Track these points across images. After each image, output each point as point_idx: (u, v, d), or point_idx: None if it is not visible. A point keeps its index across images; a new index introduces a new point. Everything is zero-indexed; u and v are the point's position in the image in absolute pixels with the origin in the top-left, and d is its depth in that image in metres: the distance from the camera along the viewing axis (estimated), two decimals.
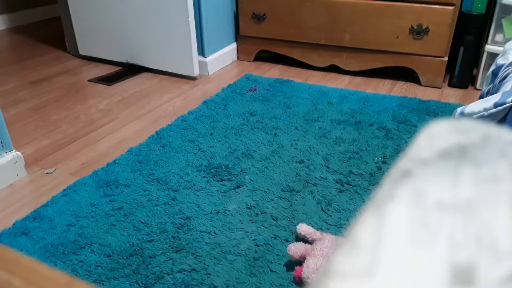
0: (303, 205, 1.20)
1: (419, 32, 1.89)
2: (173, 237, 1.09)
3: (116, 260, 1.02)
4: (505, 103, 0.81)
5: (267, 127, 1.62)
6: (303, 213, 1.17)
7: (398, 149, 1.48)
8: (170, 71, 2.14)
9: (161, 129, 1.61)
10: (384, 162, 1.40)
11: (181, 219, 1.15)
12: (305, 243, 1.01)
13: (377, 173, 1.34)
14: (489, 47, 1.85)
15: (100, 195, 1.25)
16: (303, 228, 1.05)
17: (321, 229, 1.10)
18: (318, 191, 1.26)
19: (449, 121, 0.19)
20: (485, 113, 0.84)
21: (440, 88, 1.98)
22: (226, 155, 1.44)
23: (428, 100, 1.82)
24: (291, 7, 2.09)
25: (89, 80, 2.12)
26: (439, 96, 1.90)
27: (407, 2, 1.88)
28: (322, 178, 1.31)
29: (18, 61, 2.41)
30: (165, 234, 1.10)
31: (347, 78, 2.11)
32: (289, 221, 1.14)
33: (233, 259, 1.03)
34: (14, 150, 1.35)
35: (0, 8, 3.05)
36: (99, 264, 1.01)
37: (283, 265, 1.01)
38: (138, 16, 2.08)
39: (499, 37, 1.86)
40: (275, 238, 1.08)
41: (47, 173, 1.38)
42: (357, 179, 1.31)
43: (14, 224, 1.14)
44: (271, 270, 0.99)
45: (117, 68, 2.26)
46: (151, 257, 1.03)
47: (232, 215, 1.17)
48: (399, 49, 1.96)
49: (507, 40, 1.61)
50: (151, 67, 2.19)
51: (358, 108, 1.76)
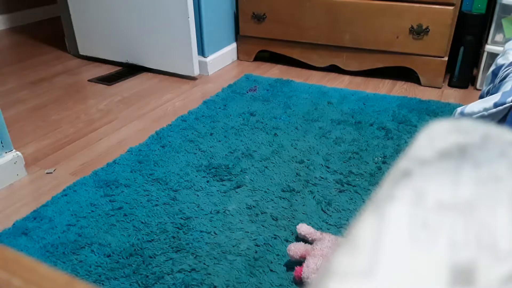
0: (303, 205, 1.20)
1: (419, 32, 1.89)
2: (173, 237, 1.09)
3: (116, 260, 1.02)
4: (505, 103, 0.81)
5: (267, 127, 1.62)
6: (303, 213, 1.17)
7: (398, 149, 1.48)
8: (170, 71, 2.14)
9: (161, 129, 1.61)
10: (384, 162, 1.40)
11: (181, 219, 1.15)
12: (305, 243, 1.01)
13: (377, 173, 1.34)
14: (489, 47, 1.85)
15: (100, 195, 1.25)
16: (303, 228, 1.05)
17: (321, 229, 1.10)
18: (318, 191, 1.26)
19: (449, 121, 0.19)
20: (485, 113, 0.84)
21: (440, 88, 1.98)
22: (226, 155, 1.44)
23: (428, 100, 1.82)
24: (291, 7, 2.09)
25: (89, 80, 2.12)
26: (439, 96, 1.90)
27: (407, 2, 1.88)
28: (322, 178, 1.31)
29: (18, 61, 2.41)
30: (165, 234, 1.10)
31: (347, 78, 2.11)
32: (289, 221, 1.14)
33: (233, 259, 1.03)
34: (14, 150, 1.35)
35: (0, 8, 3.05)
36: (99, 264, 1.01)
37: (283, 265, 1.01)
38: (138, 16, 2.08)
39: (499, 37, 1.86)
40: (275, 238, 1.08)
41: (47, 173, 1.38)
42: (357, 179, 1.31)
43: (14, 224, 1.14)
44: (271, 270, 0.99)
45: (117, 68, 2.26)
46: (151, 257, 1.03)
47: (232, 215, 1.17)
48: (399, 49, 1.96)
49: (507, 40, 1.61)
50: (151, 67, 2.19)
51: (358, 108, 1.76)
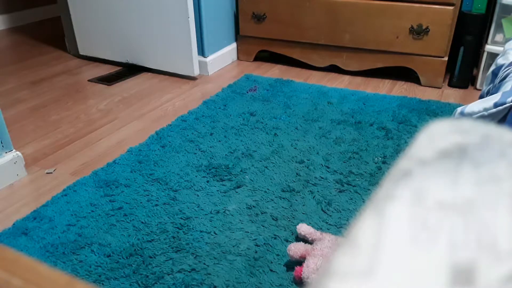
0: (303, 205, 1.20)
1: (419, 32, 1.89)
2: (173, 237, 1.09)
3: (116, 260, 1.02)
4: (505, 103, 0.81)
5: (267, 127, 1.62)
6: (303, 213, 1.17)
7: (398, 149, 1.48)
8: (170, 71, 2.14)
9: (161, 129, 1.61)
10: (384, 162, 1.40)
11: (181, 219, 1.15)
12: (305, 243, 1.01)
13: (377, 173, 1.34)
14: (489, 47, 1.85)
15: (100, 195, 1.25)
16: (303, 228, 1.05)
17: (321, 229, 1.10)
18: (318, 191, 1.26)
19: (449, 121, 0.19)
20: (485, 113, 0.84)
21: (440, 88, 1.98)
22: (226, 155, 1.45)
23: (428, 100, 1.82)
24: (291, 7, 2.09)
25: (89, 80, 2.12)
26: (439, 96, 1.90)
27: (407, 2, 1.88)
28: (322, 178, 1.31)
29: (18, 61, 2.41)
30: (165, 234, 1.10)
31: (347, 78, 2.11)
32: (289, 221, 1.14)
33: (233, 259, 1.03)
34: (14, 150, 1.35)
35: (0, 8, 3.05)
36: (99, 264, 1.01)
37: (283, 265, 1.01)
38: (138, 16, 2.08)
39: (499, 37, 1.86)
40: (275, 238, 1.08)
41: (47, 173, 1.38)
42: (357, 179, 1.31)
43: (14, 224, 1.14)
44: (271, 270, 0.99)
45: (117, 68, 2.26)
46: (151, 257, 1.03)
47: (232, 215, 1.17)
48: (399, 49, 1.96)
49: (507, 40, 1.61)
50: (151, 67, 2.19)
51: (358, 108, 1.76)
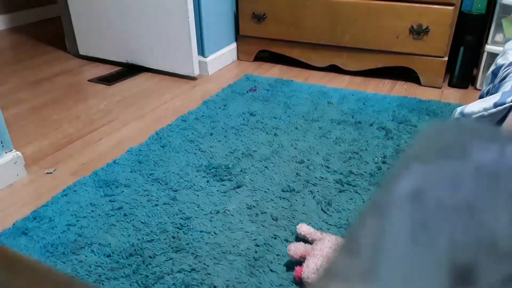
0: (303, 205, 1.20)
1: (419, 32, 1.89)
2: (173, 237, 1.09)
3: (116, 260, 1.02)
4: (505, 103, 0.81)
5: (267, 127, 1.62)
6: (303, 213, 1.17)
7: (398, 149, 1.48)
8: (170, 71, 2.14)
9: (161, 129, 1.61)
10: (384, 162, 1.40)
11: (181, 219, 1.15)
12: (305, 243, 1.01)
13: (377, 173, 1.34)
14: (489, 47, 1.85)
15: (100, 195, 1.25)
16: (303, 228, 1.05)
17: (321, 229, 1.10)
18: (318, 191, 1.26)
19: (449, 121, 0.19)
20: (485, 113, 0.84)
21: (440, 88, 1.98)
22: (226, 155, 1.45)
23: (428, 100, 1.82)
24: (291, 7, 2.09)
25: (89, 80, 2.12)
26: (439, 96, 1.90)
27: (407, 2, 1.88)
28: (322, 178, 1.31)
29: (18, 61, 2.41)
30: (165, 234, 1.10)
31: (347, 78, 2.11)
32: (289, 221, 1.14)
33: (233, 259, 1.03)
34: (14, 150, 1.35)
35: (0, 8, 3.05)
36: (99, 264, 1.01)
37: (283, 265, 1.01)
38: (138, 16, 2.08)
39: (499, 37, 1.85)
40: (275, 238, 1.08)
41: (47, 173, 1.38)
42: (357, 179, 1.31)
43: (14, 224, 1.14)
44: (271, 270, 0.99)
45: (117, 68, 2.26)
46: (151, 257, 1.03)
47: (232, 215, 1.17)
48: (399, 49, 1.96)
49: (507, 40, 1.61)
50: (151, 67, 2.19)
51: (358, 108, 1.76)
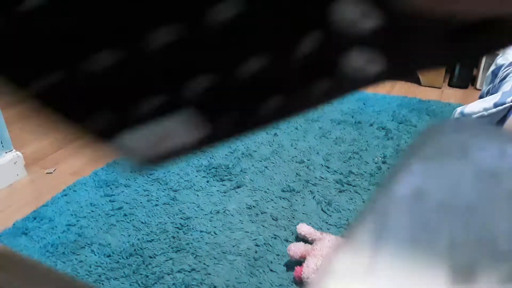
0: (303, 205, 1.20)
1: None
2: (173, 237, 1.09)
3: (116, 260, 1.02)
4: (505, 103, 0.81)
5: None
6: (303, 213, 1.17)
7: (398, 149, 1.48)
8: None
9: None
10: (384, 162, 1.40)
11: (181, 219, 1.15)
12: (305, 243, 1.01)
13: (377, 173, 1.34)
14: None
15: (100, 195, 1.25)
16: (303, 228, 1.05)
17: (321, 229, 1.10)
18: (318, 191, 1.26)
19: (449, 121, 0.19)
20: (485, 113, 0.84)
21: (440, 88, 1.98)
22: (226, 155, 1.45)
23: (428, 100, 1.82)
24: None
25: None
26: (439, 96, 1.90)
27: None
28: (322, 178, 1.31)
29: None
30: (165, 234, 1.10)
31: None
32: (289, 221, 1.14)
33: (233, 259, 1.03)
34: (14, 150, 1.35)
35: None
36: (99, 264, 1.01)
37: (283, 265, 1.01)
38: None
39: None
40: (275, 238, 1.08)
41: (47, 173, 1.38)
42: (357, 179, 1.31)
43: (14, 224, 1.14)
44: (271, 270, 0.99)
45: None
46: (151, 257, 1.03)
47: (232, 215, 1.17)
48: None
49: None
50: None
51: (358, 108, 1.76)
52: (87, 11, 0.13)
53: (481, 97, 1.13)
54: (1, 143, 1.31)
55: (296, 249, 0.98)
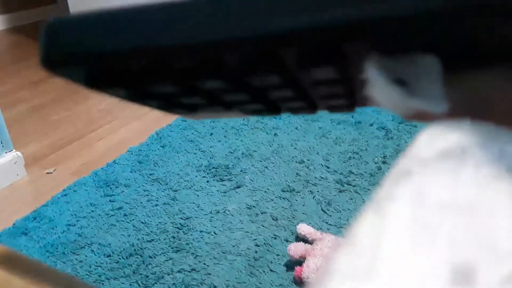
0: (303, 205, 1.20)
1: None
2: (173, 237, 1.09)
3: (116, 260, 1.02)
4: None
5: (267, 127, 1.62)
6: (303, 213, 1.17)
7: (398, 149, 1.48)
8: None
9: (161, 129, 1.61)
10: (384, 162, 1.40)
11: (181, 219, 1.15)
12: (305, 243, 1.01)
13: (377, 173, 1.34)
14: None
15: (100, 195, 1.25)
16: (303, 228, 1.05)
17: (321, 229, 1.10)
18: (318, 191, 1.26)
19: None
20: None
21: None
22: (226, 155, 1.45)
23: None
24: None
25: None
26: None
27: None
28: (322, 178, 1.32)
29: (18, 61, 2.41)
30: (165, 234, 1.10)
31: None
32: (289, 221, 1.14)
33: (233, 259, 1.03)
34: (14, 150, 1.35)
35: (0, 8, 3.05)
36: (99, 264, 1.01)
37: (283, 265, 1.01)
38: None
39: None
40: (275, 238, 1.08)
41: (47, 173, 1.38)
42: (357, 179, 1.31)
43: (14, 224, 1.14)
44: (271, 270, 0.99)
45: None
46: (151, 257, 1.03)
47: (232, 215, 1.17)
48: None
49: None
50: None
51: (358, 108, 1.76)
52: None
53: None
54: (1, 143, 1.31)
55: (296, 249, 0.98)
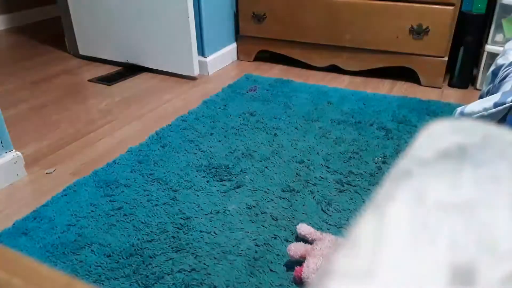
0: (303, 205, 1.20)
1: (419, 32, 1.89)
2: (173, 237, 1.09)
3: (116, 260, 1.02)
4: (505, 103, 0.81)
5: (267, 127, 1.62)
6: (303, 213, 1.17)
7: (398, 149, 1.48)
8: (170, 71, 2.14)
9: (161, 129, 1.61)
10: (384, 162, 1.40)
11: (181, 219, 1.15)
12: (305, 243, 1.01)
13: (377, 173, 1.34)
14: (489, 47, 1.85)
15: (100, 195, 1.25)
16: (303, 228, 1.05)
17: (321, 229, 1.10)
18: (318, 191, 1.26)
19: (449, 121, 0.19)
20: (485, 113, 0.84)
21: (440, 88, 1.98)
22: (226, 155, 1.45)
23: (428, 100, 1.82)
24: (291, 7, 2.09)
25: (89, 80, 2.12)
26: (439, 96, 1.90)
27: (407, 2, 1.88)
28: (322, 178, 1.31)
29: (18, 61, 2.41)
30: (165, 234, 1.10)
31: (347, 78, 2.11)
32: (289, 221, 1.14)
33: (233, 259, 1.03)
34: (14, 150, 1.35)
35: (0, 8, 3.05)
36: (99, 264, 1.01)
37: (283, 265, 1.01)
38: (138, 16, 2.08)
39: (499, 37, 1.86)
40: (275, 238, 1.08)
41: (47, 173, 1.38)
42: (357, 179, 1.31)
43: (14, 224, 1.14)
44: (271, 270, 0.99)
45: (117, 68, 2.26)
46: (151, 257, 1.03)
47: (232, 215, 1.17)
48: (399, 49, 1.96)
49: (507, 40, 1.61)
50: (151, 67, 2.19)
51: (358, 108, 1.76)
52: None
53: (481, 97, 1.13)
54: (1, 143, 1.31)
55: (296, 249, 0.98)
